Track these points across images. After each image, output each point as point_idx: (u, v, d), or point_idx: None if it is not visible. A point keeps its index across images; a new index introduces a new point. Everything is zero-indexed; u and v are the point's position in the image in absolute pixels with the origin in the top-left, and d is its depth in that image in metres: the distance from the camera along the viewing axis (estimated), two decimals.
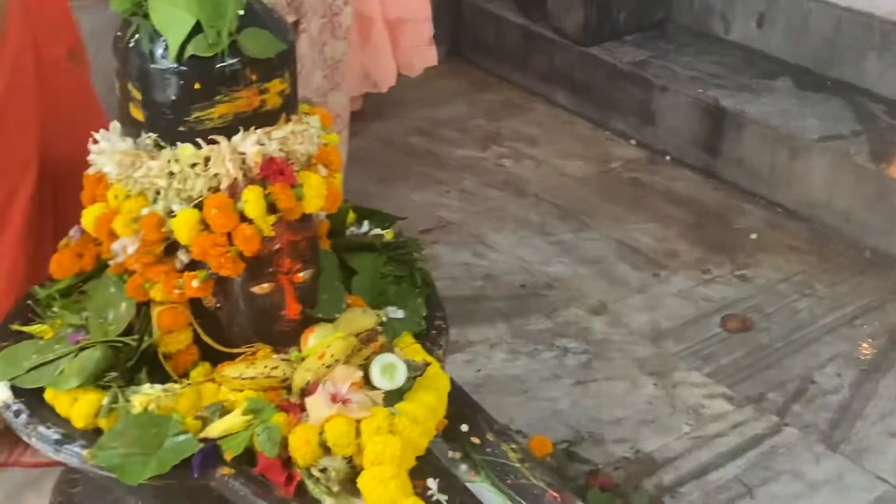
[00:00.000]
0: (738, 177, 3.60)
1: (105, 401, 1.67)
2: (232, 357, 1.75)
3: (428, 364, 1.76)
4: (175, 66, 1.64)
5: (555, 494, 1.66)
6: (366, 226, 2.05)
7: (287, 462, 1.62)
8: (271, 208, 1.67)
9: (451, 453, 1.73)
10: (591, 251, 3.28)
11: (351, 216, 2.05)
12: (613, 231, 3.38)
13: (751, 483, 2.45)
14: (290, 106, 1.75)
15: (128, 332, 1.73)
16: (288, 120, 1.74)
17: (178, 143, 1.67)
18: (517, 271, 3.19)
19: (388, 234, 2.05)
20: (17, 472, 2.37)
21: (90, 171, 1.78)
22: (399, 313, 1.92)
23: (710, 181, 3.65)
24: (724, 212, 3.50)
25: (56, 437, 1.68)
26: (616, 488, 2.36)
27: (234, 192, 1.67)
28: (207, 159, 1.67)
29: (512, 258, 3.24)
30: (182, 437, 1.62)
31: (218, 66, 1.64)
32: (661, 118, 3.80)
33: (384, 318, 1.86)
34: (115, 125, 1.78)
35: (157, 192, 1.69)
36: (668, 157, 3.78)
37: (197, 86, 1.65)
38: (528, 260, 3.24)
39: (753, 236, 3.36)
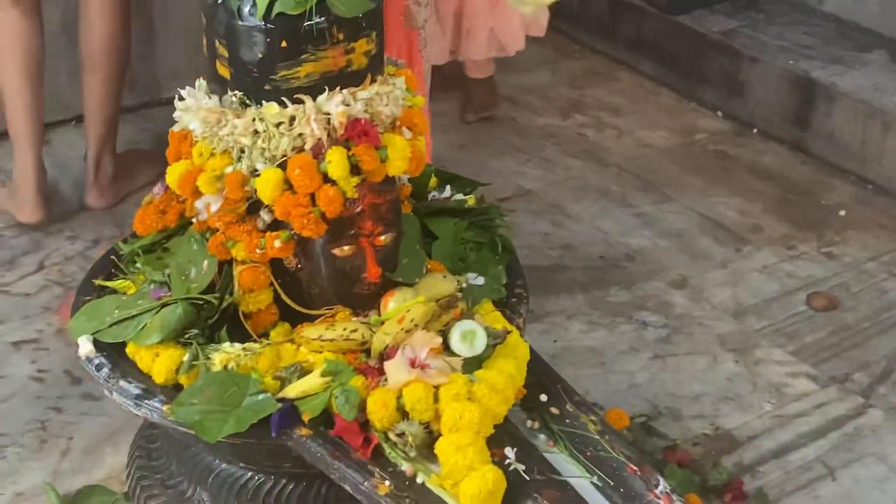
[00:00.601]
0: (828, 151, 3.50)
1: (185, 357, 1.68)
2: (311, 318, 1.75)
3: (508, 332, 1.74)
4: (262, 23, 1.63)
5: (634, 468, 1.63)
6: (448, 191, 2.02)
7: (364, 425, 1.62)
8: (355, 170, 1.66)
9: (529, 423, 1.71)
10: (672, 224, 3.22)
11: (433, 180, 2.02)
12: (696, 204, 3.31)
13: (833, 464, 2.40)
14: (375, 67, 1.73)
15: (209, 289, 1.74)
16: (373, 81, 1.72)
17: (264, 102, 1.66)
18: (596, 242, 3.14)
19: (470, 200, 2.02)
20: (95, 426, 2.40)
21: (176, 127, 1.78)
22: (479, 280, 1.89)
23: (799, 155, 3.55)
24: (812, 187, 3.40)
25: (137, 391, 1.69)
26: (694, 465, 2.32)
27: (318, 152, 1.66)
28: (292, 119, 1.66)
29: (591, 229, 3.20)
30: (261, 396, 1.63)
31: (305, 24, 1.63)
32: (750, 90, 3.70)
33: (464, 285, 1.84)
34: (201, 82, 1.78)
35: (242, 151, 1.68)
36: (755, 130, 3.69)
37: (283, 44, 1.64)
38: (608, 231, 3.19)
39: (842, 213, 3.27)
